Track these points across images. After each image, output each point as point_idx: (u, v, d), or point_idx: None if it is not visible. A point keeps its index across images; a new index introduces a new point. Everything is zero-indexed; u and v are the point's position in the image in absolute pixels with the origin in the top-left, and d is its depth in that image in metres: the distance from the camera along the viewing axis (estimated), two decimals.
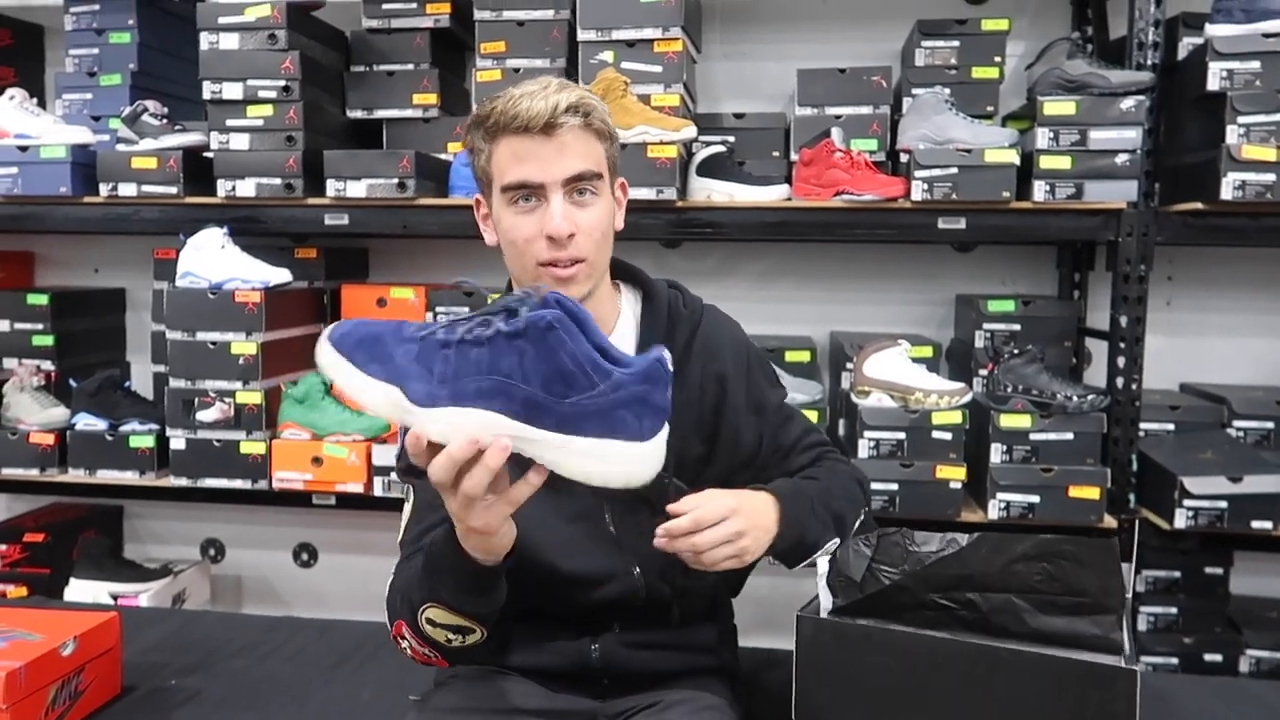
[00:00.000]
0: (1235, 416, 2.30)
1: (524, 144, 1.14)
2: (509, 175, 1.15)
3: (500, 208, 1.17)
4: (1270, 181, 1.99)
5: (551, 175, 1.14)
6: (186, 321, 2.29)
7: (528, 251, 1.16)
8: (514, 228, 1.16)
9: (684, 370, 1.27)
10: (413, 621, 1.13)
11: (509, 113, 1.13)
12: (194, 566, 2.66)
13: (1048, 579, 1.05)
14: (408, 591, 1.13)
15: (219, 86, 2.27)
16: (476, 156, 1.20)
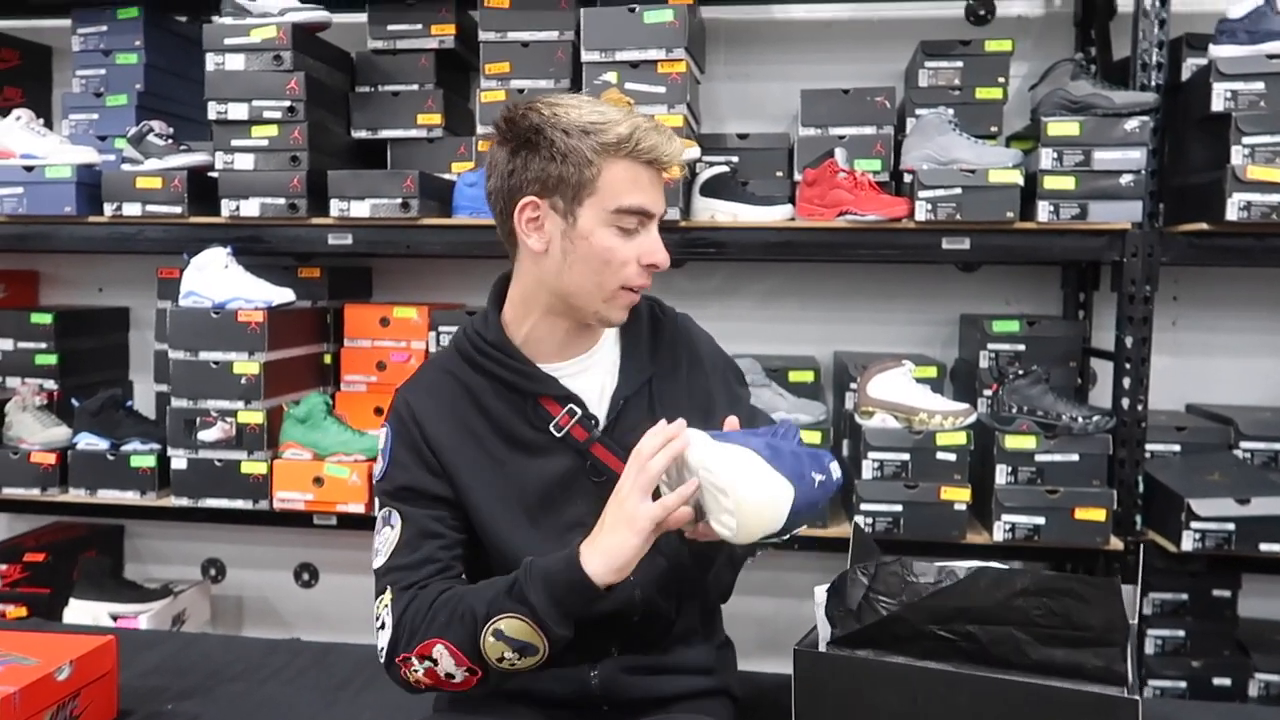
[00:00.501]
0: (1242, 438, 2.29)
1: (645, 174, 1.18)
2: (629, 199, 1.18)
3: (597, 224, 1.18)
4: (1275, 202, 1.98)
5: (660, 208, 1.22)
6: (189, 341, 2.29)
7: (619, 272, 1.20)
8: (614, 248, 1.19)
9: (672, 366, 1.31)
10: (466, 636, 1.11)
11: (644, 142, 1.16)
12: (194, 587, 2.65)
13: (1049, 614, 1.04)
14: (466, 605, 1.12)
15: (224, 107, 2.28)
16: (565, 162, 1.16)
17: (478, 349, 1.26)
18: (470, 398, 1.25)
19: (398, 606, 1.17)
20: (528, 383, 1.25)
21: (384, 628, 1.17)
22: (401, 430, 1.24)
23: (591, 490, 1.25)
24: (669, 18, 2.19)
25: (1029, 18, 2.56)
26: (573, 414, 1.24)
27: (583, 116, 1.17)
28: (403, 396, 1.27)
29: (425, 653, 1.14)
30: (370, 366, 2.46)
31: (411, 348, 2.45)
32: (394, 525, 1.21)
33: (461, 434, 1.23)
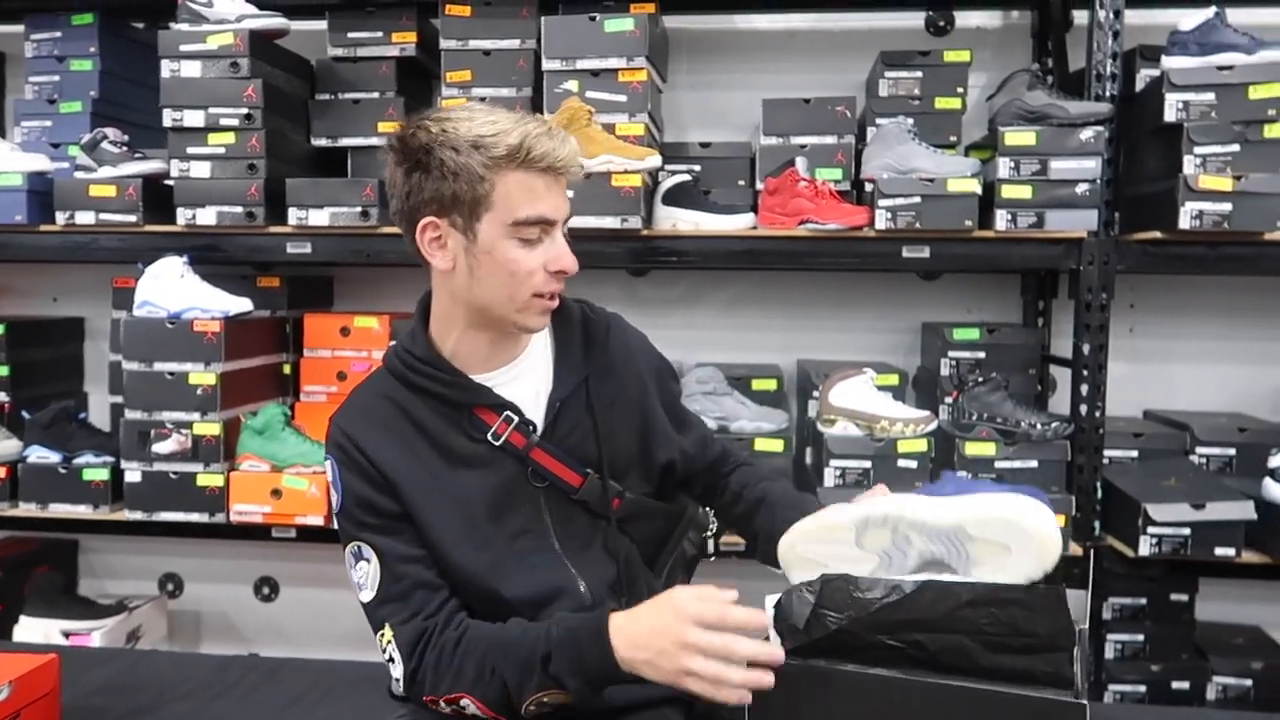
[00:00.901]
0: (1198, 443, 2.32)
1: (540, 181, 1.17)
2: (525, 210, 1.16)
3: (498, 238, 1.17)
4: (1226, 211, 2.01)
5: (562, 214, 1.20)
6: (143, 351, 2.25)
7: (527, 282, 1.19)
8: (518, 260, 1.18)
9: (606, 365, 1.32)
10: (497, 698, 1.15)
11: (533, 149, 1.15)
12: (150, 602, 2.59)
13: (996, 622, 1.04)
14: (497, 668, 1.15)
15: (180, 114, 2.25)
16: (457, 180, 1.15)
17: (408, 366, 1.25)
18: (406, 416, 1.24)
19: (405, 643, 1.18)
20: (461, 394, 1.24)
21: (394, 662, 1.19)
22: (345, 458, 1.22)
23: (535, 494, 1.25)
24: (630, 27, 2.19)
25: (987, 29, 2.58)
26: (509, 421, 1.24)
27: (471, 130, 1.15)
28: (338, 425, 1.25)
29: (453, 701, 1.17)
30: (331, 376, 2.43)
31: (373, 357, 2.42)
32: (368, 559, 1.21)
33: (401, 451, 1.22)
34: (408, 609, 1.19)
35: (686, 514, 1.44)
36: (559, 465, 1.26)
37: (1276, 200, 2.02)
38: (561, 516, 1.27)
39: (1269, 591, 2.52)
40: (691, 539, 1.45)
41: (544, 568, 1.25)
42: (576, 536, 1.27)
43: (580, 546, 1.27)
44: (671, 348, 1.67)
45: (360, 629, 1.25)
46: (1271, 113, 2.04)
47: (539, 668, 1.13)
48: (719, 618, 1.07)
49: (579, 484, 1.27)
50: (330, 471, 1.24)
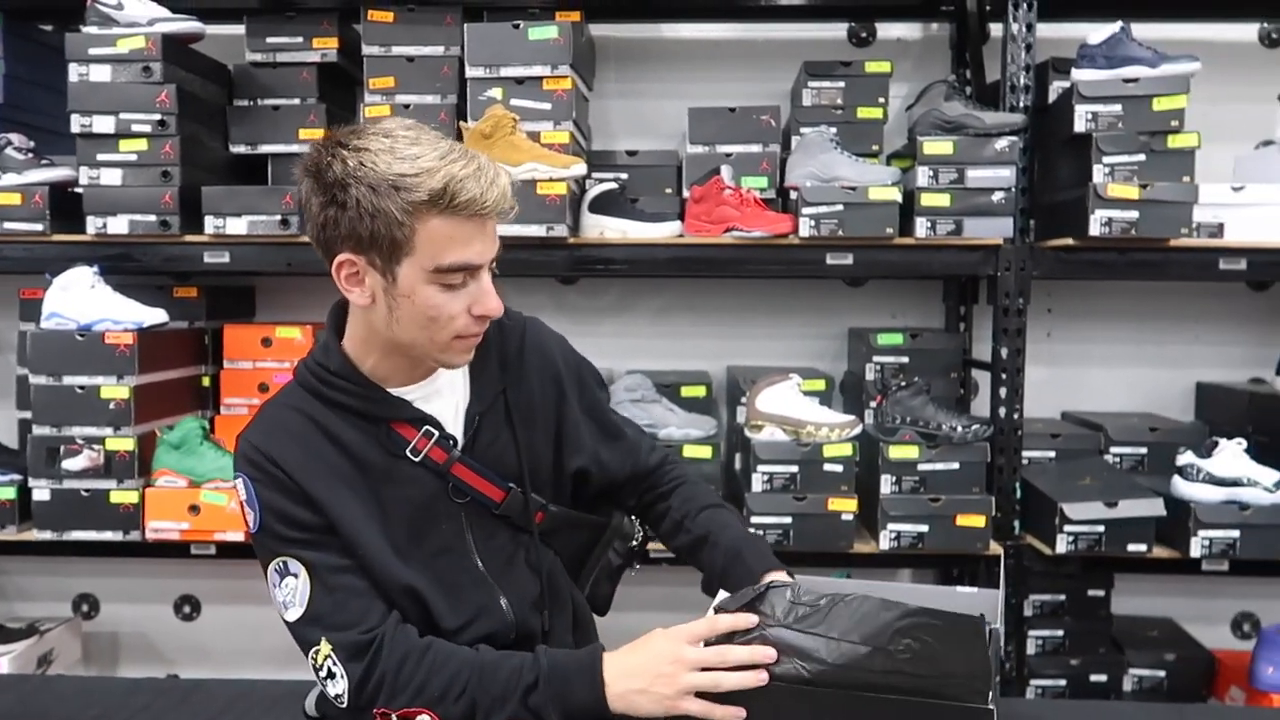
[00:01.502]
0: (1112, 443, 2.39)
1: (466, 227, 1.10)
2: (448, 257, 1.10)
3: (419, 283, 1.11)
4: (1133, 218, 2.09)
5: (487, 257, 1.14)
6: (52, 365, 2.16)
7: (449, 326, 1.14)
8: (440, 305, 1.12)
9: (523, 375, 1.30)
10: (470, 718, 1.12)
11: (457, 195, 1.07)
12: (63, 625, 2.50)
13: (914, 658, 1.05)
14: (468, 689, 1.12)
15: (89, 120, 2.17)
16: (374, 220, 1.08)
17: (322, 380, 1.21)
18: (321, 430, 1.19)
19: (350, 652, 1.13)
20: (378, 408, 1.20)
21: (334, 677, 1.14)
22: (261, 475, 1.17)
23: (456, 511, 1.23)
24: (554, 34, 2.19)
25: (908, 40, 2.64)
26: (429, 436, 1.21)
27: (391, 168, 1.07)
28: (248, 442, 1.19)
29: (408, 716, 1.13)
30: (252, 388, 2.37)
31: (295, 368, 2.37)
32: (295, 573, 1.16)
33: (318, 465, 1.18)
34: (346, 618, 1.14)
35: (611, 524, 1.42)
36: (480, 480, 1.23)
37: (1180, 208, 2.09)
38: (483, 533, 1.25)
39: (1179, 585, 2.61)
40: (617, 549, 1.43)
41: (465, 586, 1.23)
42: (498, 552, 1.26)
43: (503, 562, 1.26)
44: (602, 356, 1.67)
45: (288, 646, 1.21)
46: (1174, 124, 2.12)
47: (518, 697, 1.10)
48: (709, 628, 1.10)
49: (501, 499, 1.25)
50: (243, 490, 1.19)
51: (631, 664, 1.11)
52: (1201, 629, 2.59)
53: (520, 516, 1.26)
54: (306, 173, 1.13)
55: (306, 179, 1.13)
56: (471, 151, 1.13)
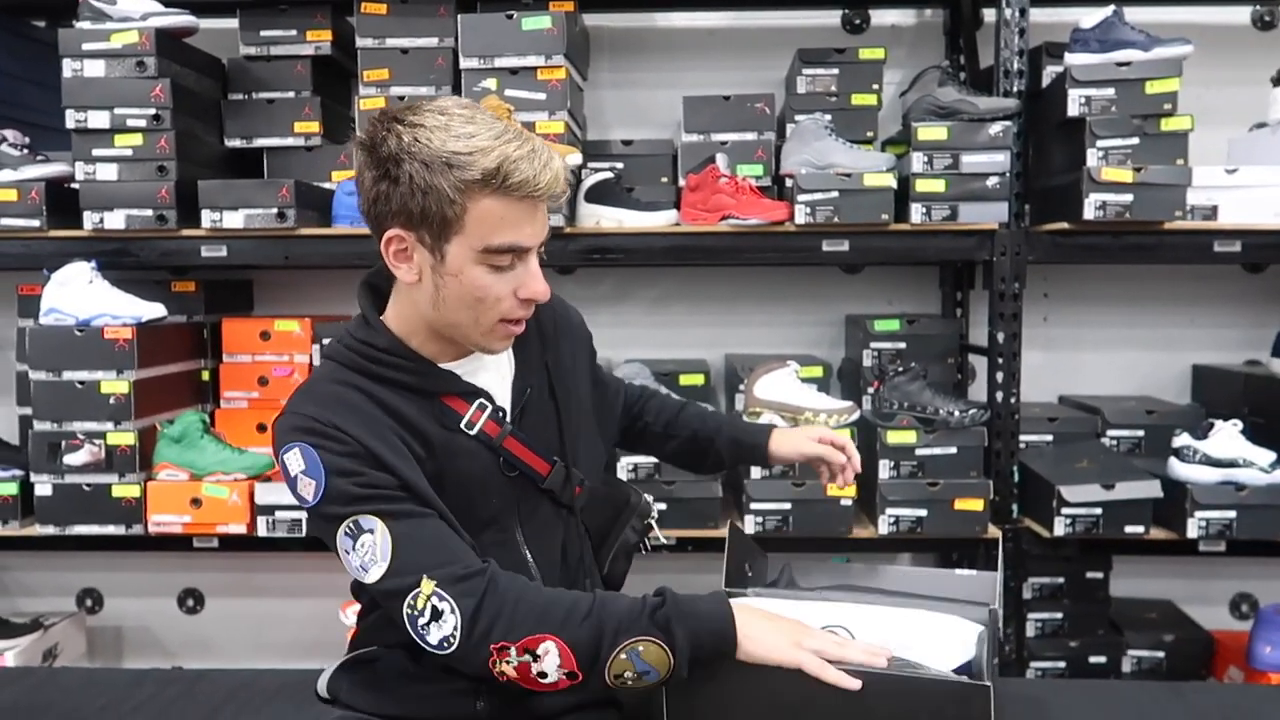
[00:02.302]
0: (1109, 426, 2.41)
1: (518, 209, 1.10)
2: (498, 238, 1.09)
3: (467, 262, 1.11)
4: (1128, 202, 2.09)
5: (537, 240, 1.14)
6: (51, 361, 2.17)
7: (495, 308, 1.13)
8: (488, 285, 1.12)
9: (559, 347, 1.32)
10: (588, 643, 1.07)
11: (513, 177, 1.07)
12: (68, 619, 2.51)
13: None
14: (591, 613, 1.08)
15: (84, 115, 2.18)
16: (426, 196, 1.08)
17: (369, 357, 1.18)
18: (376, 402, 1.16)
19: (458, 587, 1.07)
20: (430, 382, 1.19)
21: (439, 617, 1.07)
22: (320, 440, 1.12)
23: (506, 486, 1.22)
24: (547, 24, 2.19)
25: (902, 27, 2.64)
26: (483, 409, 1.20)
27: (445, 145, 1.06)
28: (300, 415, 1.14)
29: (531, 646, 1.06)
30: (252, 382, 2.38)
31: (295, 361, 2.38)
32: (372, 529, 1.09)
33: (384, 433, 1.14)
34: (445, 556, 1.09)
35: (631, 502, 1.44)
36: (529, 454, 1.23)
37: (1174, 191, 2.10)
38: (528, 509, 1.25)
39: (1178, 567, 2.63)
40: (634, 526, 1.45)
41: (499, 557, 1.19)
42: (540, 531, 1.26)
43: (540, 536, 1.26)
44: (600, 345, 1.67)
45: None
46: (1167, 107, 2.13)
47: (647, 615, 1.07)
48: (838, 650, 1.11)
49: (547, 473, 1.24)
50: (300, 460, 1.11)
51: (757, 616, 1.12)
52: (1200, 610, 2.61)
53: (563, 491, 1.26)
54: (361, 147, 1.13)
55: (360, 152, 1.13)
56: (526, 134, 1.12)
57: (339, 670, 1.27)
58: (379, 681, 1.20)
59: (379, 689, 1.22)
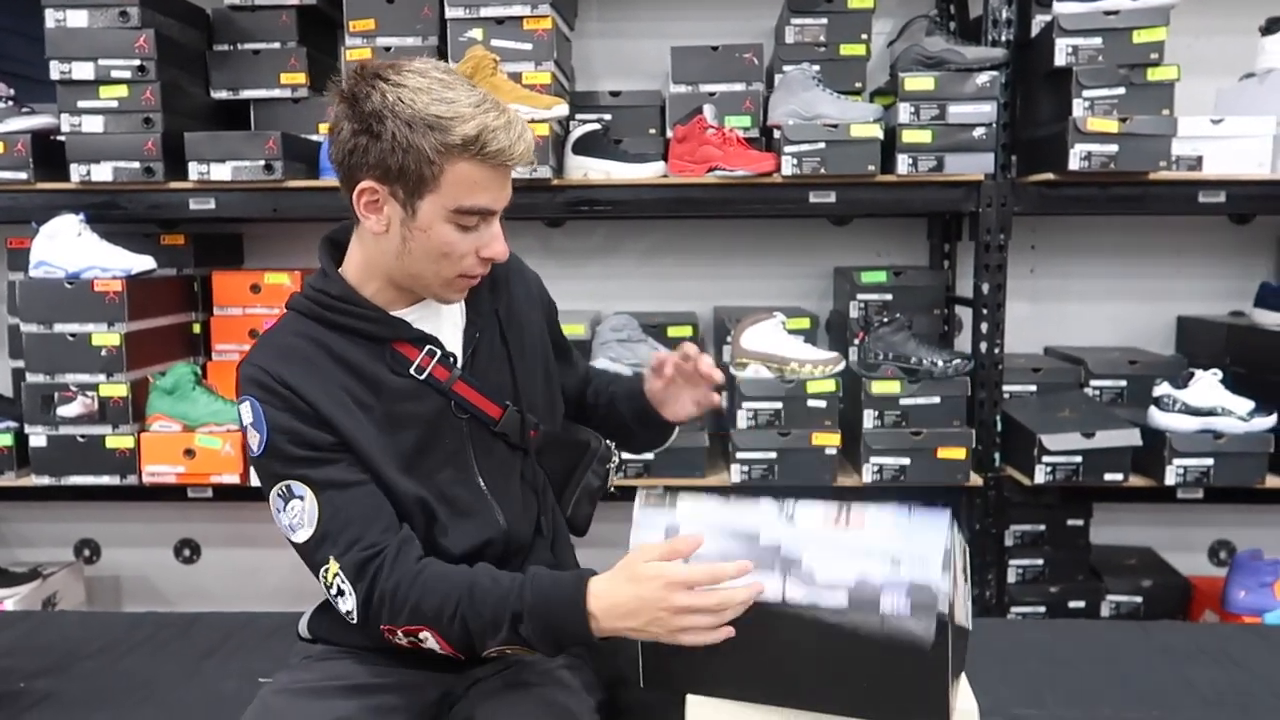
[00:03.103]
0: (1092, 376, 2.43)
1: (491, 174, 1.15)
2: (468, 200, 1.15)
3: (437, 219, 1.15)
4: (1113, 152, 2.10)
5: (503, 204, 1.19)
6: (42, 313, 2.19)
7: (457, 264, 1.18)
8: (454, 243, 1.17)
9: (511, 298, 1.35)
10: (459, 639, 1.15)
11: (491, 145, 1.12)
12: (66, 569, 2.55)
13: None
14: (461, 611, 1.14)
15: (68, 66, 2.17)
16: (406, 154, 1.12)
17: (324, 304, 1.23)
18: (326, 351, 1.21)
19: (353, 570, 1.16)
20: (381, 328, 1.23)
21: (343, 594, 1.17)
22: (269, 397, 1.18)
23: (458, 427, 1.27)
24: None
25: None
26: (432, 354, 1.24)
27: (429, 109, 1.12)
28: (254, 366, 1.20)
29: (412, 633, 1.17)
30: (242, 334, 2.40)
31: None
32: (302, 495, 1.17)
33: (327, 384, 1.19)
34: (351, 537, 1.16)
35: (591, 447, 1.47)
36: (480, 398, 1.27)
37: (1159, 141, 2.10)
38: (483, 449, 1.29)
39: (1159, 515, 2.68)
40: (595, 471, 1.47)
41: (465, 499, 1.26)
42: (497, 469, 1.29)
43: (500, 479, 1.30)
44: (590, 298, 1.68)
45: (289, 584, 1.24)
46: (1154, 56, 2.12)
47: (508, 624, 1.13)
48: (710, 576, 1.07)
49: (499, 416, 1.29)
50: (249, 413, 1.19)
51: (623, 604, 1.10)
52: (1180, 557, 2.65)
53: (516, 434, 1.30)
54: (342, 98, 1.16)
55: (341, 104, 1.16)
56: (502, 103, 1.17)
57: (318, 611, 1.31)
58: None
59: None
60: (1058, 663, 1.53)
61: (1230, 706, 1.40)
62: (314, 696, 1.19)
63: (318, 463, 1.18)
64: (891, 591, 1.03)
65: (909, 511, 1.07)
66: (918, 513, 1.07)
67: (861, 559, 1.05)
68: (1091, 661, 1.53)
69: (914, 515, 1.07)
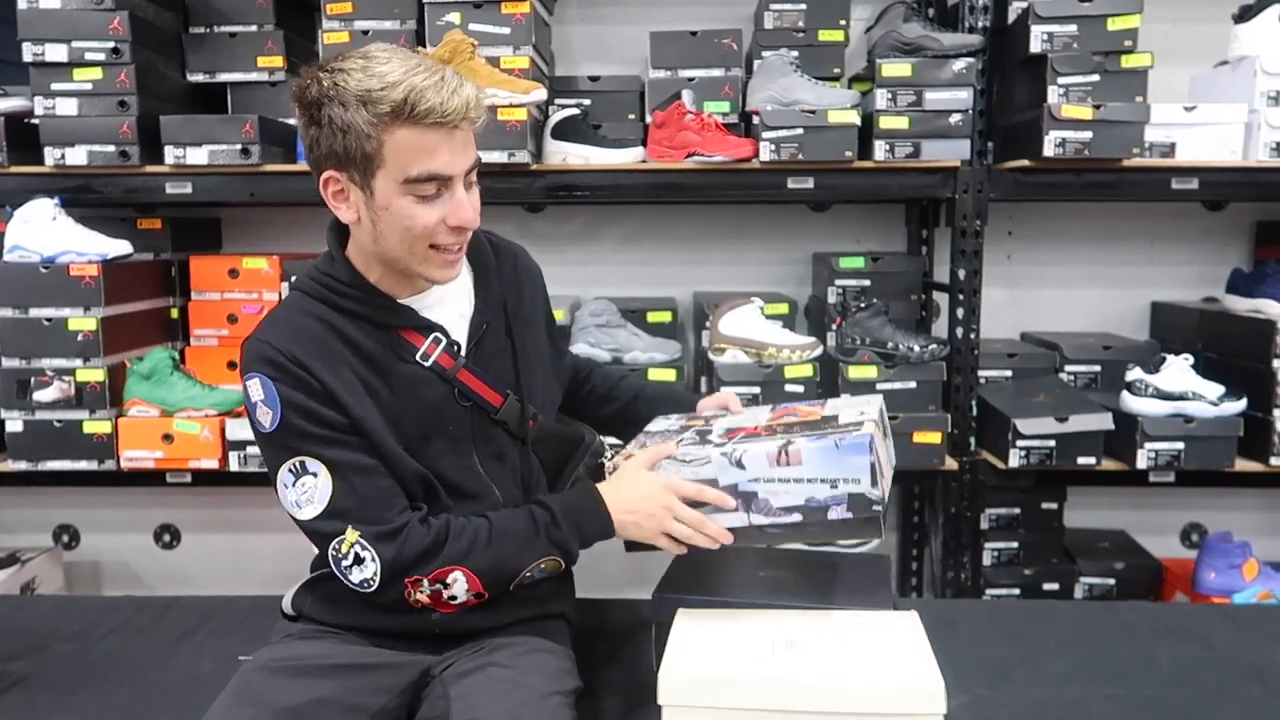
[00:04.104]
0: (1066, 361, 2.46)
1: (431, 136, 1.14)
2: (416, 167, 1.14)
3: (393, 195, 1.16)
4: (1087, 139, 2.11)
5: (459, 168, 1.17)
6: (17, 298, 2.17)
7: (426, 237, 1.18)
8: (415, 216, 1.16)
9: (520, 291, 1.38)
10: (491, 569, 1.21)
11: (420, 104, 1.11)
12: (44, 554, 2.55)
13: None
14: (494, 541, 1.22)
15: (41, 48, 2.15)
16: (346, 135, 1.13)
17: (333, 289, 1.24)
18: (336, 333, 1.23)
19: (380, 537, 1.18)
20: (388, 316, 1.25)
21: (360, 562, 1.18)
22: (281, 375, 1.18)
23: (461, 413, 1.29)
24: None
25: None
26: (438, 342, 1.26)
27: (360, 85, 1.12)
28: (265, 344, 1.20)
29: (440, 577, 1.20)
30: (221, 319, 2.39)
31: (264, 299, 2.39)
32: (315, 472, 1.18)
33: (339, 366, 1.21)
34: (373, 513, 1.18)
35: (585, 441, 1.50)
36: (483, 386, 1.29)
37: (1132, 128, 2.12)
38: (483, 436, 1.31)
39: (1133, 499, 2.72)
40: (587, 464, 1.49)
41: (466, 482, 1.29)
42: (495, 455, 1.32)
43: (498, 464, 1.32)
44: (570, 283, 1.70)
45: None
46: (1128, 43, 2.14)
47: (543, 535, 1.22)
48: (696, 493, 1.25)
49: (500, 404, 1.31)
50: (260, 389, 1.18)
51: (628, 499, 1.26)
52: (1153, 540, 2.69)
53: (516, 423, 1.33)
54: (293, 98, 1.18)
55: (294, 102, 1.19)
56: (440, 66, 1.16)
57: (302, 588, 1.32)
58: (340, 597, 1.25)
59: (340, 603, 1.27)
60: (1026, 642, 1.55)
61: (1193, 683, 1.43)
62: (294, 675, 1.20)
63: (332, 442, 1.19)
64: (835, 506, 1.24)
65: (837, 445, 1.24)
66: (844, 444, 1.25)
67: (805, 486, 1.25)
68: (1059, 641, 1.56)
69: (842, 446, 1.24)
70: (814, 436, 1.25)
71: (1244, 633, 1.59)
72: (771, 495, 1.25)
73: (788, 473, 1.25)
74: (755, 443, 1.27)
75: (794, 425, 1.33)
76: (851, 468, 1.22)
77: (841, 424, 1.30)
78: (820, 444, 1.23)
